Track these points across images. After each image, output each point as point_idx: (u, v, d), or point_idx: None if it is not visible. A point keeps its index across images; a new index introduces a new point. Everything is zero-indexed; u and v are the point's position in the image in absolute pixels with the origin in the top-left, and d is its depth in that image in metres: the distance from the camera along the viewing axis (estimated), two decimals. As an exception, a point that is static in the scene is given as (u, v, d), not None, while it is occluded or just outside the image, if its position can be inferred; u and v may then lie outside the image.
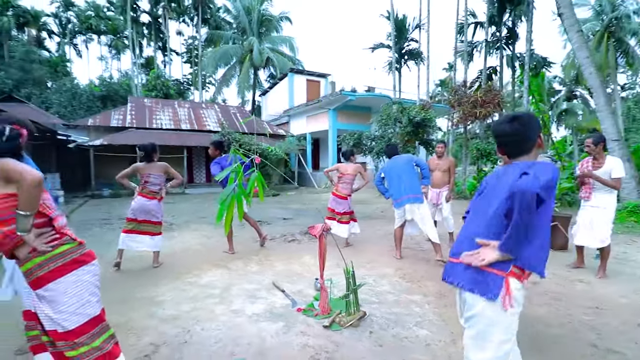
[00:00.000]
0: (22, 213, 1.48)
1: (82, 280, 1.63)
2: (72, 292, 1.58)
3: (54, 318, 1.55)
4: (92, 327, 1.62)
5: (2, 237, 1.48)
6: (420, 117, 9.29)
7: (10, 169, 1.49)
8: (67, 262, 1.60)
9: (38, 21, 27.93)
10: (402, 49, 15.65)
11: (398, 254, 4.63)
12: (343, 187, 5.25)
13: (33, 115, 15.10)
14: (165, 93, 23.71)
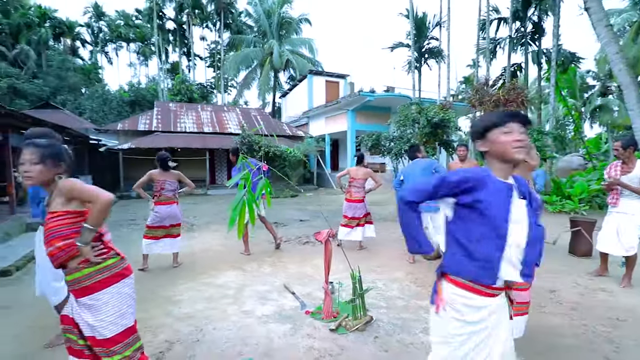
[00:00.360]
0: (90, 227, 1.61)
1: (122, 293, 1.73)
2: (113, 303, 1.67)
3: (95, 326, 1.63)
4: (126, 337, 1.70)
5: (57, 250, 1.60)
6: (438, 118, 9.11)
7: (85, 190, 1.63)
8: (112, 275, 1.70)
9: (73, 31, 29.69)
10: (422, 47, 15.38)
11: (411, 258, 4.60)
12: (356, 192, 5.27)
13: (68, 121, 16.08)
14: (189, 97, 24.51)
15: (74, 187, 1.62)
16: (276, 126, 20.05)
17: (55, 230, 1.60)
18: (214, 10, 30.22)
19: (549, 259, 4.63)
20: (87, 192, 1.63)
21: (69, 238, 1.61)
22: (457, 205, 1.35)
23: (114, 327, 1.66)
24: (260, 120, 20.16)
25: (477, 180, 1.30)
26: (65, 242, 1.60)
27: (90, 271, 1.65)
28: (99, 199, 1.61)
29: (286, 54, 24.80)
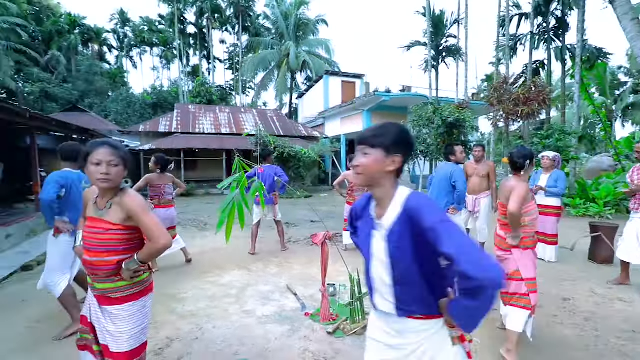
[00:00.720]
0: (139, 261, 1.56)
1: (146, 307, 1.70)
2: (136, 317, 1.63)
3: (115, 336, 1.58)
4: (139, 353, 1.65)
5: (103, 263, 1.54)
6: (454, 118, 8.89)
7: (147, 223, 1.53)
8: (141, 290, 1.66)
9: (100, 37, 31.07)
10: (439, 46, 15.05)
11: None
12: (360, 195, 5.21)
13: (93, 123, 16.84)
14: (208, 99, 25.08)
15: (137, 211, 1.54)
16: (292, 127, 20.18)
17: (109, 244, 1.54)
18: (233, 14, 30.81)
19: (565, 265, 4.43)
20: (149, 226, 1.53)
21: (121, 254, 1.56)
22: None
23: (133, 341, 1.61)
24: (277, 120, 20.36)
25: (359, 210, 1.31)
26: (111, 258, 1.55)
27: (123, 285, 1.59)
28: (159, 242, 1.52)
29: (303, 55, 24.93)
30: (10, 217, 6.19)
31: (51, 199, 2.66)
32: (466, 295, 1.00)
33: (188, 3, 30.50)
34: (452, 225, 1.03)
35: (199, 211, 9.86)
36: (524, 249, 2.49)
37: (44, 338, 2.73)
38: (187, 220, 8.30)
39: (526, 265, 2.47)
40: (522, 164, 2.56)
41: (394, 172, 1.18)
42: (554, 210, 4.50)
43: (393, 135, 1.16)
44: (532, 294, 2.42)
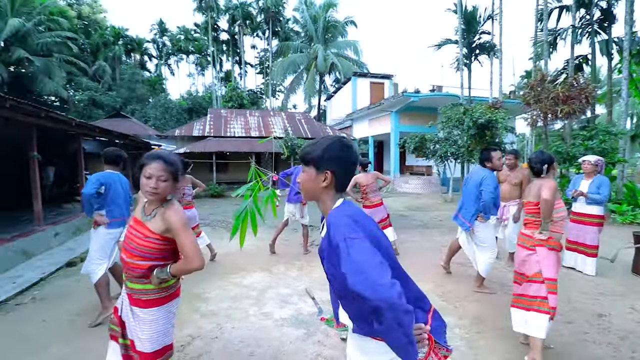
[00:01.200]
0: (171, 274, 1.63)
1: (171, 312, 1.76)
2: (160, 321, 1.69)
3: (141, 338, 1.66)
4: (162, 354, 1.71)
5: (135, 266, 1.63)
6: (485, 118, 8.51)
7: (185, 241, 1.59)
8: (167, 295, 1.72)
9: (141, 47, 33.16)
10: (471, 43, 14.47)
11: (445, 262, 4.35)
12: (373, 196, 5.19)
13: (134, 129, 17.97)
14: (239, 103, 25.90)
15: (177, 227, 1.61)
16: (319, 129, 20.30)
17: (144, 250, 1.63)
18: (263, 20, 31.60)
19: (604, 278, 4.12)
20: (185, 245, 1.60)
21: (153, 261, 1.64)
22: None
23: (154, 344, 1.67)
24: (304, 123, 20.59)
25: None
26: (149, 263, 1.63)
27: (151, 288, 1.66)
28: (193, 263, 1.60)
29: (331, 58, 25.03)
30: (58, 217, 6.79)
31: (90, 194, 3.01)
32: (374, 319, 0.96)
33: (221, 11, 31.71)
34: (354, 244, 0.99)
35: (228, 212, 10.20)
36: (549, 249, 2.50)
37: (82, 329, 2.98)
38: (216, 221, 8.64)
39: (548, 265, 2.46)
40: (539, 168, 2.59)
41: (330, 187, 1.16)
42: (596, 220, 4.19)
43: (321, 152, 1.15)
44: (551, 294, 2.40)
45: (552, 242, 2.50)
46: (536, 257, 2.50)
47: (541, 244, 2.50)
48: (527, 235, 2.62)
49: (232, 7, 31.09)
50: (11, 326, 3.10)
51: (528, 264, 2.53)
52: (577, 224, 4.34)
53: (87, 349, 2.64)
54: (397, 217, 9.31)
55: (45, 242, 5.55)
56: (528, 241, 2.59)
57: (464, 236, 3.92)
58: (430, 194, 15.11)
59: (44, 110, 5.08)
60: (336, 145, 1.17)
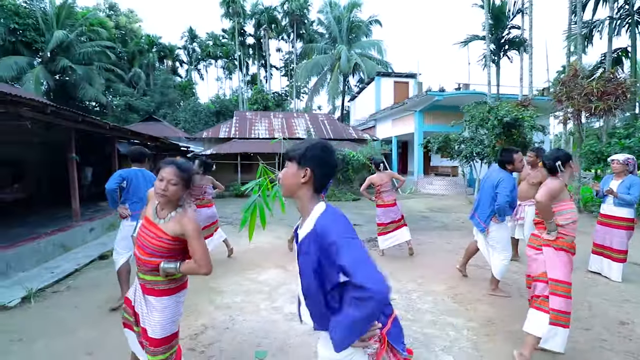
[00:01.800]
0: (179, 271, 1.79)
1: (178, 302, 1.90)
2: (169, 309, 1.84)
3: (152, 324, 1.81)
4: (169, 341, 1.86)
5: (149, 262, 1.78)
6: (511, 117, 8.17)
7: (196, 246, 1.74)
8: (176, 287, 1.88)
9: (173, 54, 34.78)
10: (500, 38, 13.89)
11: (461, 264, 4.26)
12: (387, 195, 5.17)
13: (165, 131, 18.90)
14: (264, 105, 26.47)
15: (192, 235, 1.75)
16: (342, 130, 20.32)
17: (156, 249, 1.77)
18: (288, 23, 32.10)
19: (632, 285, 3.88)
20: (197, 252, 1.74)
21: (164, 258, 1.79)
22: None
23: (163, 331, 1.82)
24: (327, 124, 20.69)
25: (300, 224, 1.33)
26: (160, 259, 1.78)
27: (161, 280, 1.81)
28: (201, 269, 1.75)
29: (354, 58, 24.98)
30: (95, 214, 7.31)
31: (112, 189, 3.30)
32: (355, 304, 1.05)
33: (247, 16, 32.57)
34: (353, 242, 1.09)
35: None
36: (557, 249, 2.41)
37: (108, 315, 3.25)
38: (238, 219, 8.91)
39: (554, 264, 2.37)
40: (552, 166, 2.48)
41: (309, 185, 1.24)
42: (625, 223, 3.93)
43: (304, 150, 1.24)
44: (554, 296, 2.30)
45: (560, 242, 2.40)
46: (542, 257, 2.43)
47: (548, 244, 2.43)
48: (536, 235, 2.57)
49: (258, 12, 31.84)
50: (47, 310, 3.42)
51: (535, 264, 2.48)
52: (604, 226, 4.10)
53: (111, 333, 2.87)
54: (417, 218, 9.17)
55: (82, 237, 6.01)
56: (536, 241, 2.54)
57: (480, 237, 3.83)
58: (455, 195, 14.70)
59: (80, 115, 5.51)
60: (318, 146, 1.26)
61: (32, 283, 3.94)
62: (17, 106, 4.33)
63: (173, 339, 1.90)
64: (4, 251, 4.32)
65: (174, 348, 1.91)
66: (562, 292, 2.31)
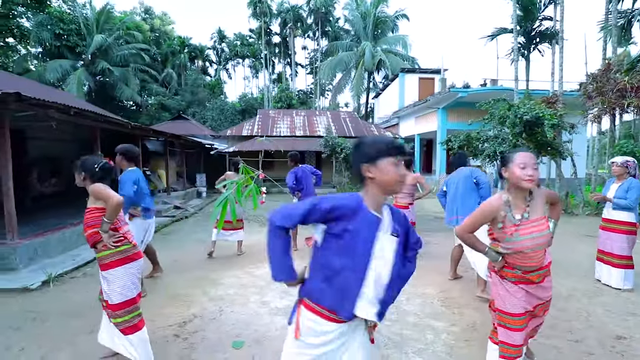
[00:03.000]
0: (107, 220, 2.21)
1: (130, 272, 2.29)
2: (121, 278, 2.24)
3: (107, 292, 2.24)
4: (128, 305, 2.25)
5: (89, 236, 2.25)
6: (532, 114, 7.74)
7: (101, 192, 2.24)
8: (124, 257, 2.27)
9: (203, 54, 36.04)
10: (530, 31, 13.16)
11: (452, 274, 4.23)
12: (402, 197, 5.10)
13: (192, 129, 19.71)
14: (288, 103, 26.81)
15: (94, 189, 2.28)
16: (364, 128, 20.18)
17: (87, 222, 2.27)
18: (313, 21, 32.21)
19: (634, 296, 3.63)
20: (102, 194, 2.24)
21: (94, 227, 2.25)
22: (326, 232, 1.28)
23: (119, 297, 2.24)
24: (349, 122, 20.63)
25: (348, 209, 1.24)
26: (93, 230, 2.24)
27: (109, 253, 2.25)
28: (111, 200, 2.21)
29: (379, 54, 24.63)
30: (119, 207, 7.85)
31: (130, 195, 3.45)
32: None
33: (273, 15, 33.05)
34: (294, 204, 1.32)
35: (268, 208, 10.73)
36: (502, 277, 1.97)
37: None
38: (253, 215, 9.17)
39: (498, 294, 2.00)
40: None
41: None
42: (625, 227, 3.70)
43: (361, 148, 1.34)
44: (500, 327, 1.97)
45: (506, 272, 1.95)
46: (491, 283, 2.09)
47: (494, 269, 2.03)
48: None
49: (284, 11, 32.20)
50: (63, 294, 3.79)
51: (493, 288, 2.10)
52: (606, 231, 3.87)
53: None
54: (429, 219, 9.01)
55: (105, 228, 6.50)
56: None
57: None
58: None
59: (102, 115, 5.96)
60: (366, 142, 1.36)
61: (54, 269, 4.36)
62: (45, 108, 4.78)
63: (132, 304, 2.26)
64: (33, 239, 4.80)
65: (134, 312, 2.26)
66: (508, 323, 1.93)
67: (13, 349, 2.66)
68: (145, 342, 2.29)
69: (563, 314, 3.25)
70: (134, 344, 2.23)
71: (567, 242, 6.14)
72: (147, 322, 2.86)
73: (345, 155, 14.49)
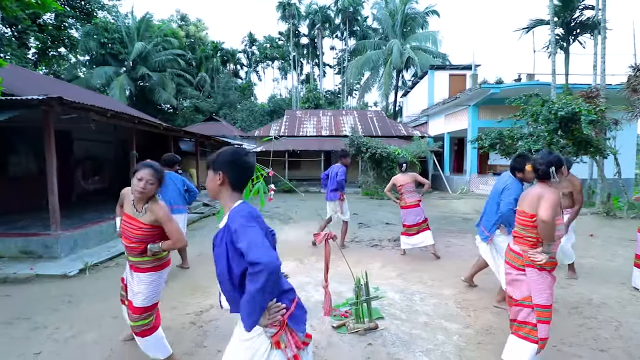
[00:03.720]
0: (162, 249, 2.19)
1: (160, 278, 2.29)
2: (153, 284, 2.23)
3: (136, 293, 2.21)
4: (148, 310, 2.24)
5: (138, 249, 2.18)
6: (567, 110, 7.25)
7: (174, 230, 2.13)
8: (159, 265, 2.27)
9: (234, 58, 37.23)
10: (569, 22, 12.30)
11: (467, 278, 3.97)
12: (409, 197, 5.11)
13: (223, 130, 20.43)
14: (315, 104, 27.03)
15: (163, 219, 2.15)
16: (391, 127, 19.91)
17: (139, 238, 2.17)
18: (341, 21, 32.20)
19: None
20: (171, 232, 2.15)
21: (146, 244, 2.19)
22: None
23: (145, 300, 2.22)
24: (376, 121, 20.42)
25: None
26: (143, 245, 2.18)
27: (148, 259, 2.23)
28: (176, 244, 2.20)
29: (407, 52, 24.13)
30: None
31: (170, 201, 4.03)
32: (250, 279, 1.20)
33: (302, 17, 33.45)
34: (250, 228, 1.26)
35: (292, 207, 10.94)
36: (539, 269, 2.14)
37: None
38: (277, 213, 9.39)
39: (540, 289, 2.11)
40: (544, 170, 2.19)
41: (225, 186, 1.41)
42: None
43: (216, 157, 1.43)
44: (542, 324, 2.07)
45: (546, 263, 2.15)
46: (526, 279, 2.18)
47: (531, 264, 2.16)
48: (516, 253, 2.28)
49: (312, 12, 32.50)
50: (96, 281, 4.13)
51: (517, 286, 2.22)
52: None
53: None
54: (457, 220, 8.73)
55: (138, 223, 6.95)
56: (517, 259, 2.26)
57: (483, 246, 3.58)
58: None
59: (136, 117, 6.38)
60: (228, 152, 1.44)
61: (91, 258, 4.75)
62: (85, 111, 5.20)
63: (152, 308, 2.28)
64: (74, 232, 5.25)
65: (152, 316, 2.28)
66: (548, 317, 2.10)
67: (49, 328, 2.94)
68: (161, 340, 2.32)
69: (591, 322, 3.06)
70: (150, 343, 2.28)
71: (608, 247, 5.72)
72: (168, 309, 3.07)
73: (370, 154, 14.36)
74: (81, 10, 21.90)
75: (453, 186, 16.70)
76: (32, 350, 2.62)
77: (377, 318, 3.06)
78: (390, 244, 6.00)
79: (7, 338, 2.81)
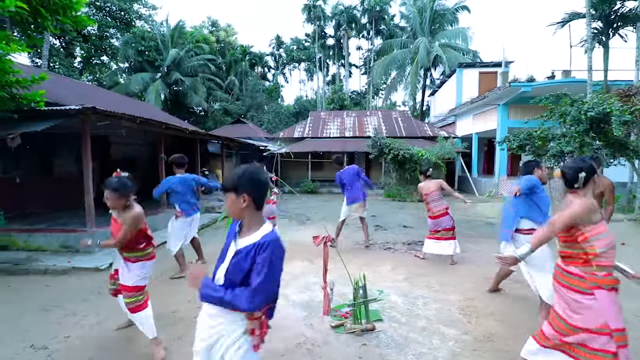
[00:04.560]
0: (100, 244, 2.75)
1: (145, 267, 2.79)
2: (138, 270, 2.73)
3: (125, 277, 2.72)
4: (138, 290, 2.73)
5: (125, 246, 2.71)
6: (597, 110, 6.82)
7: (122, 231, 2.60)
8: (146, 257, 2.79)
9: (262, 61, 38.15)
10: (608, 15, 11.49)
11: (492, 286, 3.89)
12: (435, 206, 4.99)
13: (250, 132, 21.07)
14: (340, 105, 27.07)
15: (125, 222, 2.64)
16: (416, 127, 19.56)
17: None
18: (367, 21, 32.01)
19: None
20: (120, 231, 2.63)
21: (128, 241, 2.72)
22: None
23: (132, 281, 2.71)
24: (401, 122, 20.14)
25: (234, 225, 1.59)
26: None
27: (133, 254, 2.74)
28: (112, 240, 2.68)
29: (435, 50, 23.56)
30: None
31: (155, 197, 4.51)
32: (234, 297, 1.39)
33: (327, 18, 33.62)
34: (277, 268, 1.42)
35: (311, 208, 11.12)
36: (609, 290, 1.91)
37: (163, 282, 4.14)
38: (295, 214, 9.61)
39: (616, 311, 1.91)
40: (573, 177, 2.03)
41: (250, 207, 1.44)
42: None
43: (237, 179, 1.43)
44: (622, 349, 1.87)
45: (609, 281, 1.92)
46: (597, 304, 1.91)
47: (599, 286, 1.91)
48: (578, 275, 1.98)
49: (338, 13, 32.57)
50: (122, 275, 4.51)
51: (589, 314, 1.93)
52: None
53: (165, 294, 3.68)
54: (480, 224, 8.52)
55: (165, 221, 7.38)
56: (580, 282, 1.97)
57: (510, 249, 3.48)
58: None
59: (163, 123, 6.83)
60: (247, 174, 1.45)
61: (120, 254, 5.18)
62: (117, 119, 5.68)
63: (142, 289, 2.74)
64: (107, 228, 5.70)
65: (142, 295, 2.74)
66: (627, 341, 1.90)
67: (78, 315, 3.31)
68: (149, 317, 2.71)
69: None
70: (141, 319, 2.70)
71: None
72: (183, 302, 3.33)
73: (393, 156, 14.21)
74: (121, 20, 23.48)
75: (481, 189, 16.14)
76: (62, 334, 2.98)
77: (375, 320, 3.14)
78: (404, 247, 5.99)
79: (43, 322, 3.20)
